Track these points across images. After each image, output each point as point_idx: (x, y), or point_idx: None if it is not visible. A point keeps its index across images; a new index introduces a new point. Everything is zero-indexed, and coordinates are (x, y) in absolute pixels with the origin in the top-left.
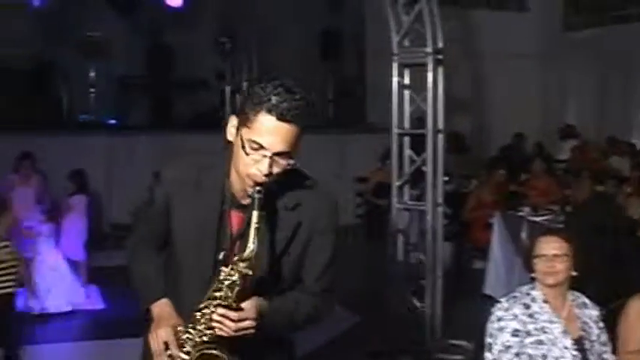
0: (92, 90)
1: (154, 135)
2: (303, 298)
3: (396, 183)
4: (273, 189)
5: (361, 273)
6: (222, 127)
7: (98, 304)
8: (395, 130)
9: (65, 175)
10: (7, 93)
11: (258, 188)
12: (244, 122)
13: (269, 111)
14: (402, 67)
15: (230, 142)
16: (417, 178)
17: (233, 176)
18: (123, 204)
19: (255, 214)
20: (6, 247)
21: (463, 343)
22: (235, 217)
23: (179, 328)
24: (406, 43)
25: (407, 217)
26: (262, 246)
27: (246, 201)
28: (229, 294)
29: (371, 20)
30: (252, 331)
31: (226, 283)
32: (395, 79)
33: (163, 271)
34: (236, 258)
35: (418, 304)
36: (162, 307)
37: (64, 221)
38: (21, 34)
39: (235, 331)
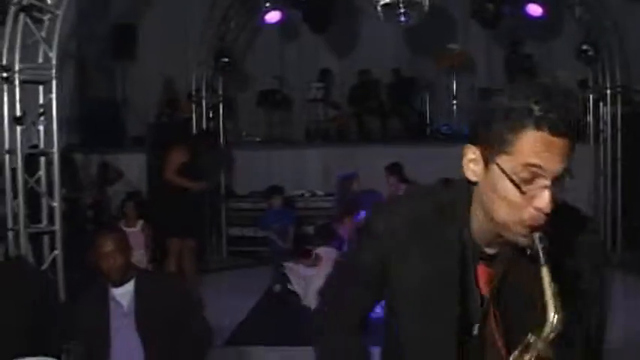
0: (454, 101)
1: None
2: None
3: None
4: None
5: None
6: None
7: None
8: None
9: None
10: (373, 105)
11: (539, 234)
12: (498, 149)
13: (538, 126)
14: None
15: (472, 183)
16: None
17: (477, 224)
18: None
19: (544, 270)
20: None
21: None
22: (482, 274)
23: None
24: None
25: None
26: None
27: (493, 250)
28: None
29: None
30: None
31: None
32: None
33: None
34: (531, 339)
35: None
36: None
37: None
38: (386, 48)
39: None
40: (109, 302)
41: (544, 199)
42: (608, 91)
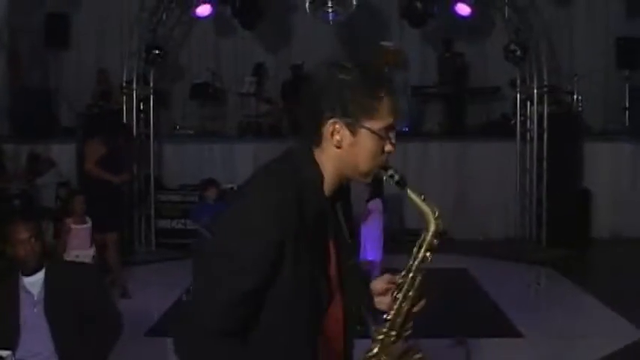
0: None
1: (445, 142)
2: None
3: None
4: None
5: None
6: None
7: None
8: None
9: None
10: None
11: (393, 169)
12: (365, 116)
13: (389, 93)
14: None
15: (339, 147)
16: None
17: (327, 184)
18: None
19: (409, 191)
20: None
21: None
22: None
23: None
24: None
25: None
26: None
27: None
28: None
29: None
30: None
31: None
32: None
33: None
34: (422, 236)
35: None
36: None
37: (362, 224)
38: (320, 44)
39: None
40: (19, 291)
41: (393, 146)
42: (535, 91)
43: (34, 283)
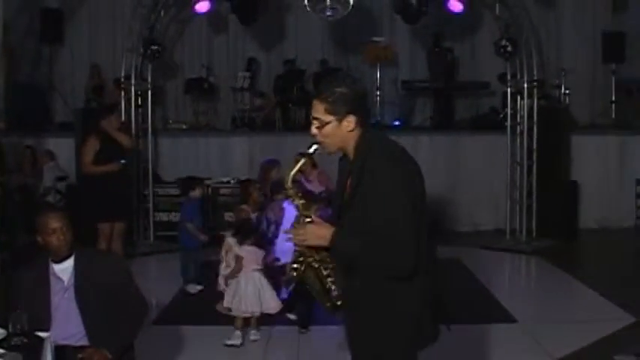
0: (377, 93)
1: (435, 135)
2: (371, 243)
3: None
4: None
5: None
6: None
7: None
8: None
9: None
10: (298, 95)
11: (315, 146)
12: None
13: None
14: None
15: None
16: None
17: None
18: None
19: (303, 159)
20: None
21: None
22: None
23: None
24: None
25: None
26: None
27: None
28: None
29: None
30: (305, 242)
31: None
32: None
33: None
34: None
35: None
36: None
37: None
38: (313, 40)
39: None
40: (49, 278)
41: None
42: (525, 85)
43: (64, 269)
